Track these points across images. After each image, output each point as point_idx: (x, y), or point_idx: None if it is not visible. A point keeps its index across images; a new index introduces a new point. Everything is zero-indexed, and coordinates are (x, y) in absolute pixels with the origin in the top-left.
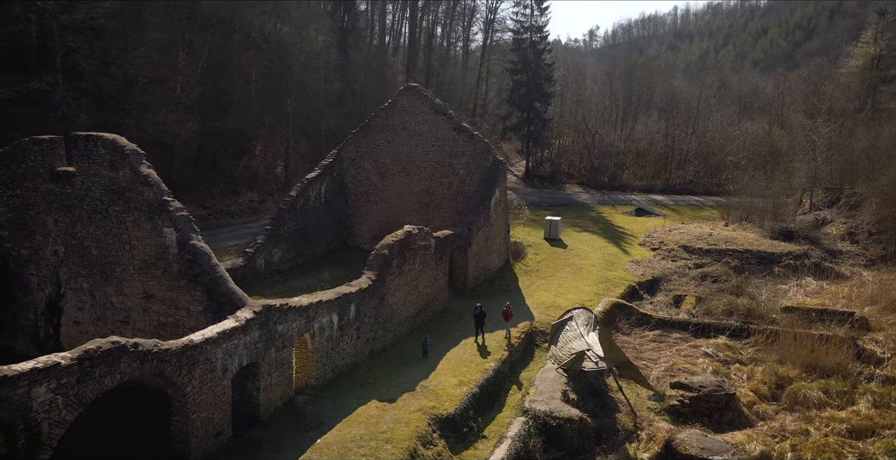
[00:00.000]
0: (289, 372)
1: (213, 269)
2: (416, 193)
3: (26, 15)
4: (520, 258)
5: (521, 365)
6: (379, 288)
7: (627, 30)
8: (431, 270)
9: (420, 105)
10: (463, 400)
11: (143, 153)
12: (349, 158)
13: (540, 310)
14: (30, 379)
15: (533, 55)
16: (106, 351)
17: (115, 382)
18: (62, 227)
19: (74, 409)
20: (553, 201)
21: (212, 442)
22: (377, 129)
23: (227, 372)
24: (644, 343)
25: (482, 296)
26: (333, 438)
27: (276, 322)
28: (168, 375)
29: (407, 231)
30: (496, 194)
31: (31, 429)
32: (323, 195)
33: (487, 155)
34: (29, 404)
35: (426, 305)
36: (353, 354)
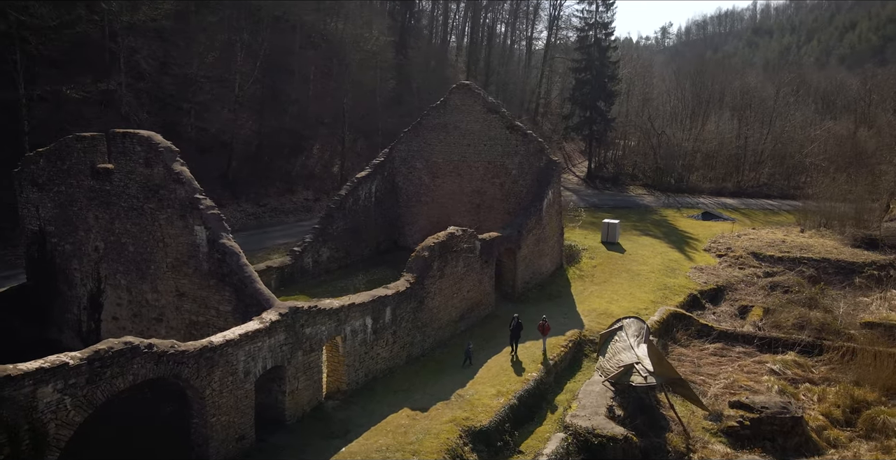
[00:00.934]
0: (318, 376)
1: (241, 269)
2: (467, 194)
3: (91, 16)
4: (574, 262)
5: (567, 375)
6: (418, 291)
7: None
8: (476, 273)
9: (472, 103)
10: (499, 412)
11: (177, 151)
12: (401, 157)
13: (591, 317)
14: (35, 378)
15: (597, 53)
16: (117, 351)
17: (128, 384)
18: (102, 224)
19: (83, 411)
20: (614, 203)
21: (233, 447)
22: (429, 128)
23: (250, 376)
24: (703, 356)
25: (531, 302)
26: (359, 447)
27: (303, 324)
28: (185, 377)
29: (450, 232)
30: (549, 195)
31: (36, 430)
32: (373, 194)
33: (541, 154)
34: (34, 404)
35: (470, 310)
36: (389, 359)
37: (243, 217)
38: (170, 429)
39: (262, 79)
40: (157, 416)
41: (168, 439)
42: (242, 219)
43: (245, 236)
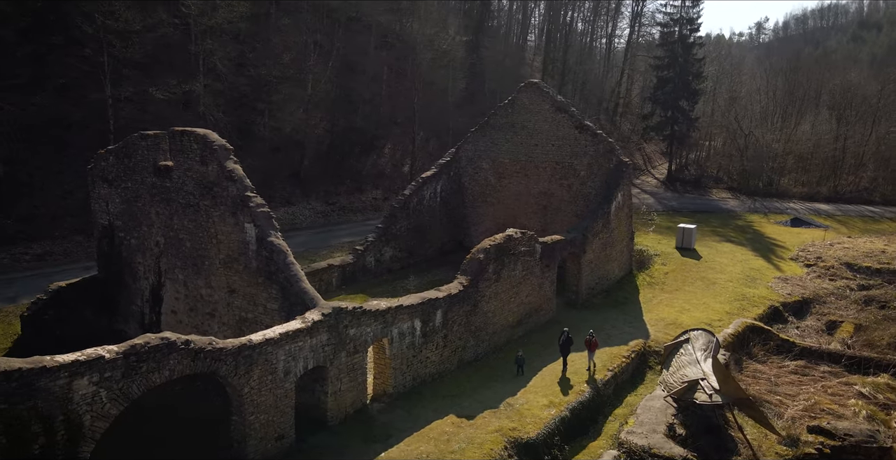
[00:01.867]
0: (362, 378)
1: (287, 267)
2: (534, 195)
3: (172, 20)
4: (644, 268)
5: (628, 388)
6: (471, 294)
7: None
8: (536, 278)
9: (540, 102)
10: (549, 424)
11: (231, 149)
12: (467, 157)
13: (658, 327)
14: (71, 371)
15: (681, 50)
16: (154, 347)
17: (164, 379)
18: (162, 219)
19: (119, 404)
20: (694, 207)
21: (272, 446)
22: (496, 128)
23: (290, 375)
24: (782, 374)
25: (596, 309)
26: (398, 453)
27: (347, 325)
28: (223, 375)
29: (507, 235)
30: (618, 198)
31: (71, 422)
32: (439, 194)
33: (611, 155)
34: (70, 396)
35: (528, 315)
36: (439, 363)
37: (312, 215)
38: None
39: (335, 79)
40: (211, 409)
41: (216, 433)
42: (311, 216)
43: (312, 234)
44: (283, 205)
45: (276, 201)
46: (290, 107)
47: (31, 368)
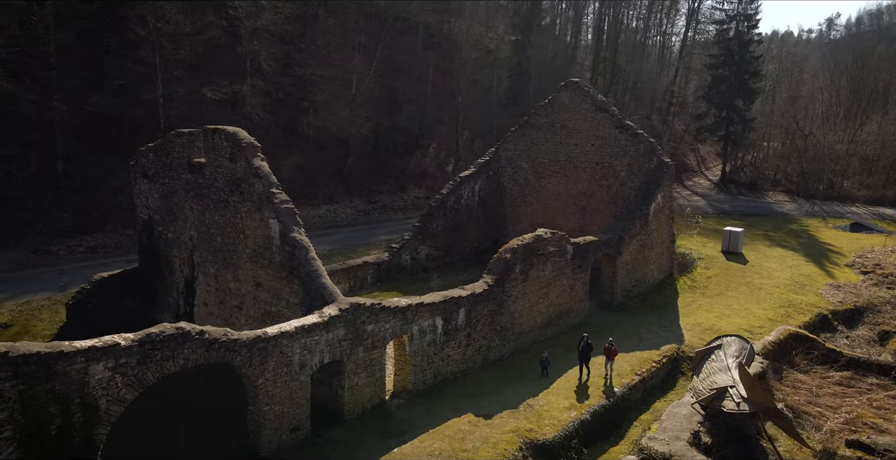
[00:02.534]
0: (380, 373)
1: (308, 263)
2: (573, 195)
3: (220, 22)
4: (686, 272)
5: (657, 393)
6: (496, 294)
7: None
8: (567, 279)
9: (581, 101)
10: (567, 427)
11: (259, 146)
12: (507, 157)
13: (694, 332)
14: (87, 356)
15: (738, 47)
16: (168, 336)
17: (179, 367)
18: (195, 214)
19: (135, 389)
20: (747, 210)
21: (286, 436)
22: (536, 127)
23: (306, 368)
24: (825, 385)
25: (631, 311)
26: (411, 450)
27: (364, 321)
28: (237, 365)
29: (537, 235)
30: (658, 200)
31: (87, 405)
32: (477, 194)
33: (651, 156)
34: (86, 380)
35: (559, 316)
36: (461, 362)
37: (353, 212)
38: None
39: (380, 78)
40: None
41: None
42: (353, 214)
43: (351, 231)
44: (326, 203)
45: (319, 199)
46: (335, 106)
47: (49, 352)
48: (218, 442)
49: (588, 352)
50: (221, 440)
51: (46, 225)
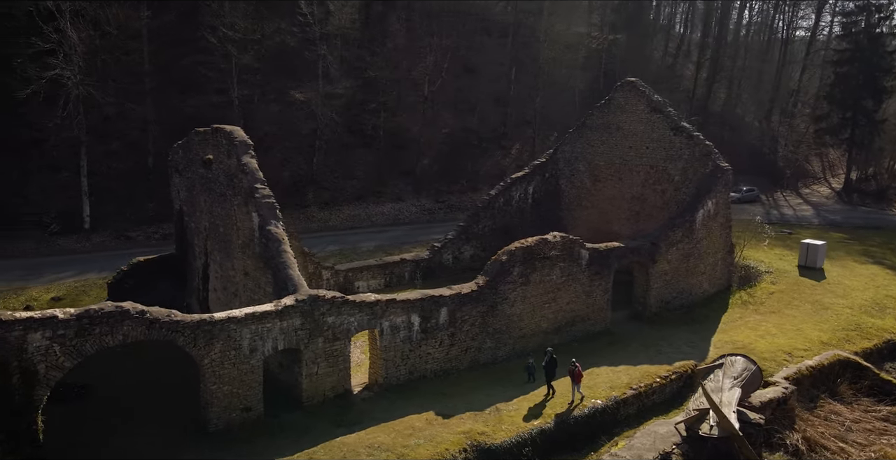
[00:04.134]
0: (343, 364)
1: (279, 255)
2: (627, 200)
3: (290, 28)
4: (747, 285)
5: (659, 410)
6: (487, 295)
7: None
8: (581, 285)
9: (636, 102)
10: (522, 434)
11: (251, 144)
12: (565, 159)
13: (722, 350)
14: (25, 325)
15: (867, 41)
16: (107, 313)
17: (118, 341)
18: (207, 206)
19: (73, 358)
20: (862, 222)
21: (237, 415)
22: (592, 128)
23: (257, 353)
24: (865, 420)
25: (664, 324)
26: (354, 440)
27: (324, 313)
28: (180, 345)
29: (541, 238)
30: (708, 206)
31: (25, 368)
32: (530, 196)
33: (707, 159)
34: (24, 346)
35: (570, 323)
36: (444, 361)
37: (418, 211)
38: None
39: (456, 79)
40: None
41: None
42: (416, 213)
43: (408, 230)
44: (392, 201)
45: (386, 197)
46: (407, 107)
47: None
48: (180, 415)
49: (552, 369)
50: (183, 413)
51: (133, 213)
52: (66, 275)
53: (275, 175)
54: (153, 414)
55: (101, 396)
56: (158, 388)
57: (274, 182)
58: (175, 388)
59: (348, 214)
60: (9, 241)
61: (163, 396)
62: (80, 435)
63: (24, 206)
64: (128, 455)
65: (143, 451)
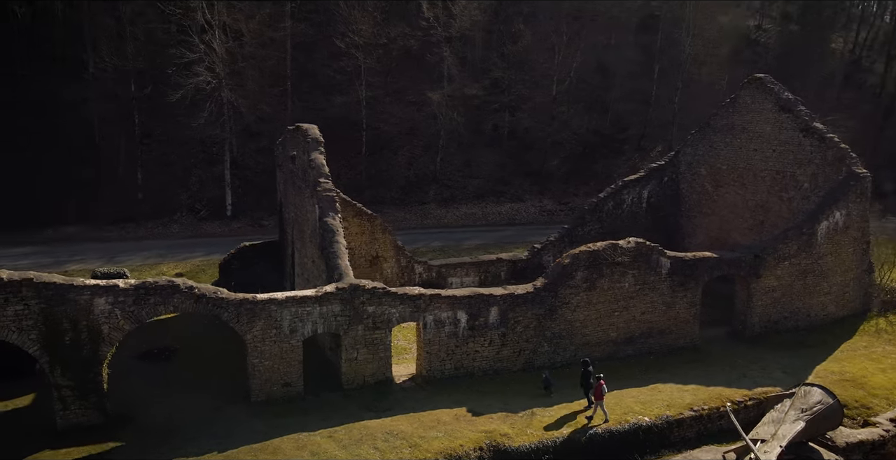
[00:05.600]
0: (384, 353)
1: (331, 245)
2: (749, 208)
3: (414, 32)
4: (892, 311)
5: (726, 437)
6: (545, 298)
7: None
8: (660, 295)
9: (763, 100)
10: (545, 441)
11: (321, 141)
12: (686, 162)
13: (823, 381)
14: (92, 291)
15: None
16: (160, 286)
17: (169, 311)
18: (292, 198)
19: (131, 322)
20: None
21: (277, 390)
22: (715, 130)
23: (296, 334)
24: None
25: (767, 347)
26: (376, 425)
27: (364, 302)
28: (225, 319)
29: (611, 243)
30: (835, 217)
31: (92, 328)
32: (645, 200)
33: (841, 165)
34: (91, 309)
35: (645, 335)
36: (494, 360)
37: (536, 212)
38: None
39: (589, 78)
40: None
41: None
42: (535, 214)
43: (520, 229)
44: (511, 201)
45: (505, 197)
46: (534, 107)
47: (62, 283)
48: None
49: (587, 380)
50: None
51: (269, 203)
52: (195, 255)
53: (400, 173)
54: (215, 379)
55: (184, 359)
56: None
57: (398, 180)
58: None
59: (464, 213)
60: (164, 225)
61: (232, 365)
62: (146, 392)
63: (183, 195)
64: (173, 412)
65: (185, 411)
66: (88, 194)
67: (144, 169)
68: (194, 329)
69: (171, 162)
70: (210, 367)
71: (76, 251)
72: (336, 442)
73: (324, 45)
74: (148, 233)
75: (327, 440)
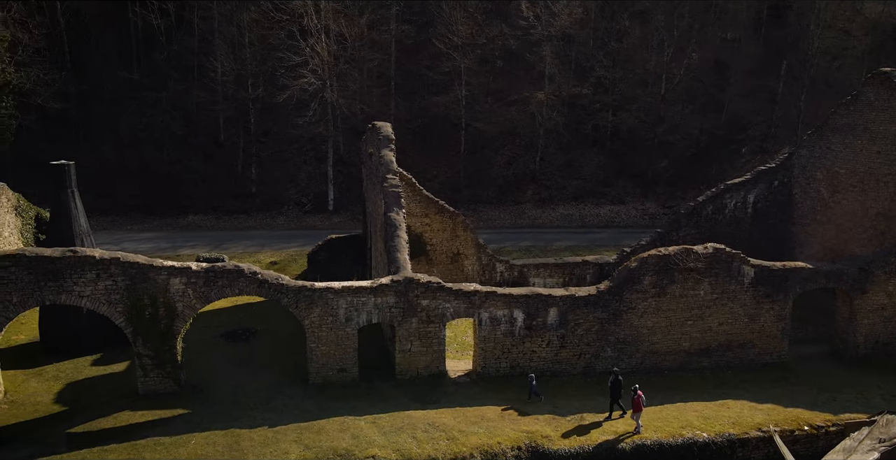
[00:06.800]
0: (438, 347)
1: (393, 238)
2: (870, 216)
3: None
4: None
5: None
6: (609, 302)
7: None
8: (742, 306)
9: (889, 97)
10: (585, 447)
11: (393, 139)
12: (800, 165)
13: None
14: (169, 272)
15: None
16: (227, 270)
17: (235, 293)
18: (368, 193)
19: (202, 302)
20: None
21: (333, 374)
22: (834, 130)
23: (352, 322)
24: None
25: (867, 368)
26: (419, 415)
27: (418, 295)
28: (285, 304)
29: (684, 248)
30: None
31: (168, 304)
32: (751, 205)
33: None
34: (168, 288)
35: (724, 347)
36: (552, 362)
37: (637, 215)
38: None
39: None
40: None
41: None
42: (636, 217)
43: (617, 233)
44: (611, 204)
45: (606, 199)
46: (641, 106)
47: (144, 264)
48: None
49: (617, 390)
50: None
51: None
52: (292, 245)
53: (498, 173)
54: (283, 360)
55: (261, 340)
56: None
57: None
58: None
59: (561, 213)
60: (271, 217)
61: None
62: (221, 367)
63: (292, 190)
64: (238, 387)
65: (250, 387)
66: (211, 188)
67: (260, 165)
68: (276, 313)
69: (286, 158)
70: (281, 349)
71: (191, 237)
72: (378, 428)
73: (425, 47)
74: (256, 224)
75: (370, 425)
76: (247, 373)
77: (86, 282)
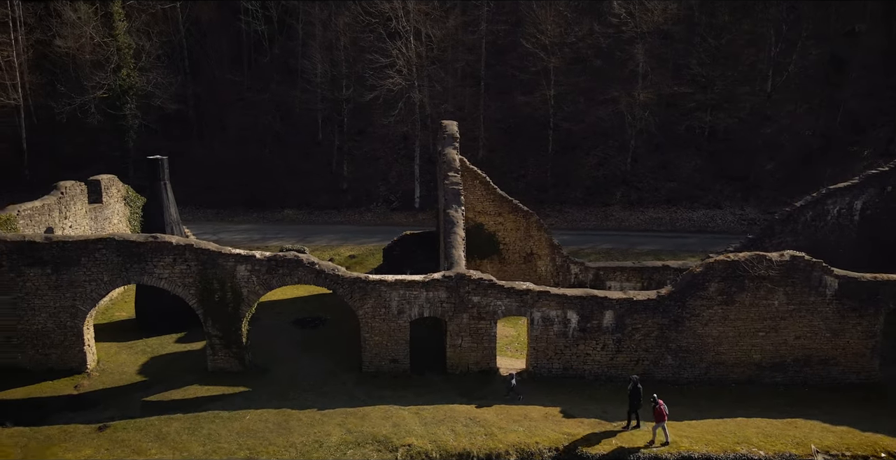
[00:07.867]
0: (488, 343)
1: (449, 235)
2: None
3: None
4: None
5: None
6: (670, 308)
7: None
8: (823, 319)
9: None
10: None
11: (457, 137)
12: None
13: None
14: (235, 259)
15: None
16: (287, 259)
17: (295, 282)
18: (440, 190)
19: (265, 288)
20: None
21: (385, 364)
22: None
23: (404, 315)
24: None
25: None
26: (463, 410)
27: (469, 291)
28: (340, 294)
29: (756, 254)
30: None
31: (235, 289)
32: (857, 211)
33: None
34: (234, 274)
35: (801, 362)
36: (608, 366)
37: (734, 221)
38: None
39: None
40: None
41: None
42: (732, 222)
43: (709, 238)
44: (706, 208)
45: (700, 203)
46: (744, 106)
47: (214, 251)
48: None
49: (636, 399)
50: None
51: None
52: (371, 241)
53: (587, 173)
54: (343, 348)
55: (328, 328)
56: None
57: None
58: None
59: (650, 217)
60: (360, 213)
61: None
62: (286, 351)
63: (382, 188)
64: (298, 371)
65: (308, 371)
66: (307, 184)
67: (353, 163)
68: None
69: (378, 156)
70: (344, 338)
71: (281, 230)
72: (420, 418)
73: (514, 46)
74: (345, 220)
75: (413, 415)
76: (308, 359)
77: (164, 266)
